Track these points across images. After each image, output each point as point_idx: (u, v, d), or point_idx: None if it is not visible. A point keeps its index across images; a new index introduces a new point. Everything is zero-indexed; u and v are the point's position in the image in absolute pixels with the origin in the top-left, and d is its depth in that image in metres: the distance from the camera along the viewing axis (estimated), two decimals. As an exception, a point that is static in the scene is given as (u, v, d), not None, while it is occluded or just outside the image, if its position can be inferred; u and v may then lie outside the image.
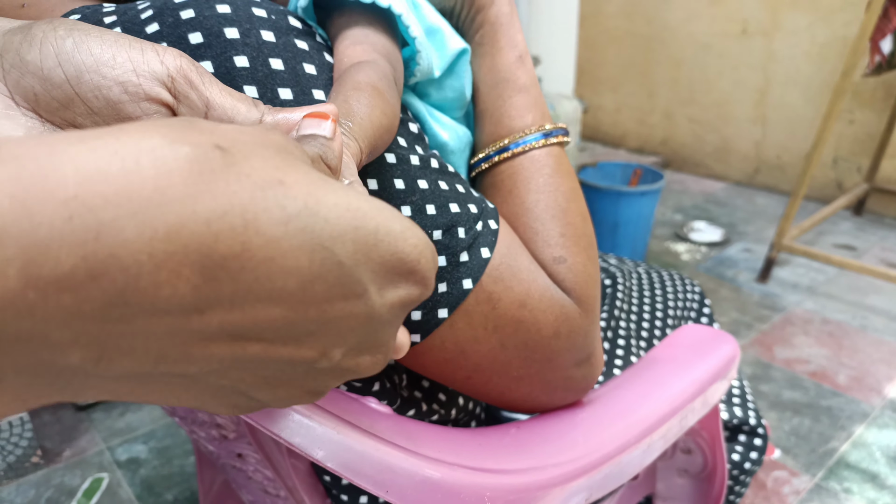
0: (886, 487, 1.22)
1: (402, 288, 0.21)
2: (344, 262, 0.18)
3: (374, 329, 0.20)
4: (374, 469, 0.38)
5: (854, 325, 1.77)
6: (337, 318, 0.18)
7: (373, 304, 0.19)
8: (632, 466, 0.49)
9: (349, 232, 0.18)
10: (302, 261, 0.17)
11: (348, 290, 0.18)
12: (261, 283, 0.16)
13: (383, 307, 0.20)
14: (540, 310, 0.40)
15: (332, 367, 0.20)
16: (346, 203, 0.18)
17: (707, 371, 0.57)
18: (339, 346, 0.19)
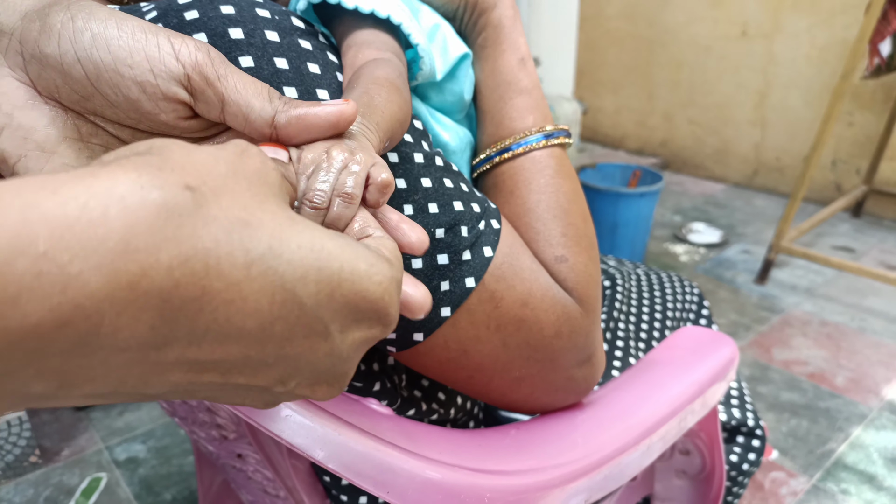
0: (884, 489, 1.22)
1: (364, 326, 0.21)
2: (305, 303, 0.18)
3: (332, 364, 0.20)
4: (375, 470, 0.38)
5: (852, 327, 1.77)
6: (297, 355, 0.19)
7: (333, 342, 0.20)
8: (631, 468, 0.49)
9: (312, 273, 0.18)
10: (262, 303, 0.17)
11: (309, 329, 0.19)
12: (219, 324, 0.17)
13: (343, 345, 0.20)
14: (542, 309, 0.41)
15: (285, 392, 0.20)
16: (311, 244, 0.19)
17: (706, 373, 0.57)
18: (294, 378, 0.20)
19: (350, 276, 0.19)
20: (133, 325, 0.15)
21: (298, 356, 0.19)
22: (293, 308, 0.18)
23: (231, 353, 0.17)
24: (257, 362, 0.18)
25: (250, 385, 0.19)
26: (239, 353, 0.18)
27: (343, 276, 0.19)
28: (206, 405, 0.48)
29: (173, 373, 0.17)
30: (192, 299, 0.16)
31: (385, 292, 0.21)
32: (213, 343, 0.17)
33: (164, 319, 0.16)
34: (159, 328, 0.16)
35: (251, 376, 0.19)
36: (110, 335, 0.15)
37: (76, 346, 0.15)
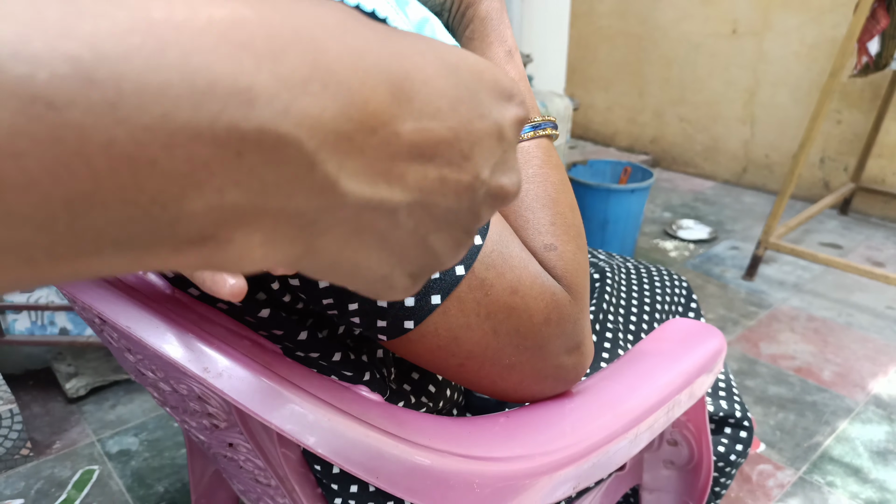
0: (869, 481, 1.24)
1: (511, 108, 0.23)
2: (469, 86, 0.21)
3: (503, 148, 0.23)
4: (365, 455, 0.39)
5: (839, 322, 1.79)
6: (479, 137, 0.21)
7: (498, 121, 0.22)
8: (619, 456, 0.49)
9: (462, 62, 0.21)
10: (446, 84, 0.20)
11: (479, 110, 0.21)
12: (426, 104, 0.19)
13: (505, 123, 0.23)
14: (531, 296, 0.41)
15: (486, 191, 0.23)
16: (450, 46, 0.22)
17: (694, 364, 0.57)
18: (486, 166, 0.22)
19: (486, 66, 0.23)
20: (374, 95, 0.17)
21: (482, 140, 0.21)
22: (463, 89, 0.20)
23: (441, 138, 0.19)
24: (458, 152, 0.20)
25: (459, 184, 0.21)
26: (445, 137, 0.20)
27: (481, 67, 0.22)
28: (196, 394, 0.48)
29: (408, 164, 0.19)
30: (404, 78, 0.18)
31: (511, 82, 0.24)
32: (428, 121, 0.19)
33: (392, 95, 0.18)
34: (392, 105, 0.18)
35: (458, 170, 0.21)
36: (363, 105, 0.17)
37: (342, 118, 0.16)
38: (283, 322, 0.42)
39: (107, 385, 1.47)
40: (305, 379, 0.40)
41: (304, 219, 0.17)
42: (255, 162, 0.15)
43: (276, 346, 0.42)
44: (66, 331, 1.39)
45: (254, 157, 0.15)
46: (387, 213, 0.19)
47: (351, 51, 0.17)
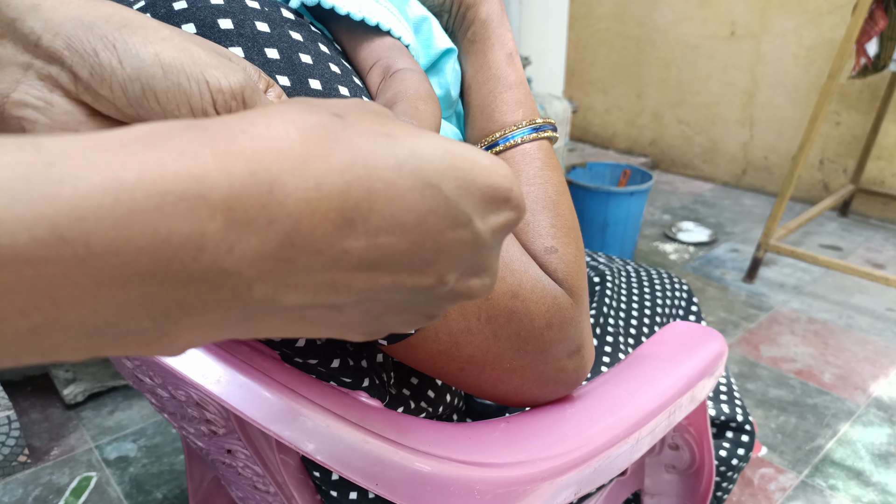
0: (871, 484, 1.23)
1: (501, 214, 0.23)
2: (449, 196, 0.21)
3: (480, 253, 0.23)
4: (365, 462, 0.38)
5: (839, 325, 1.79)
6: (449, 246, 0.21)
7: (478, 230, 0.22)
8: (620, 461, 0.49)
9: (450, 171, 0.21)
10: (415, 198, 0.20)
11: (455, 220, 0.21)
12: (386, 221, 0.19)
13: (487, 232, 0.23)
14: (532, 300, 0.41)
15: (447, 291, 0.23)
16: (443, 146, 0.21)
17: (695, 367, 0.57)
18: (452, 272, 0.22)
19: (481, 170, 0.22)
20: (324, 223, 0.18)
21: (451, 249, 0.21)
22: (439, 201, 0.21)
23: (399, 248, 0.20)
24: (420, 260, 0.21)
25: (417, 287, 0.21)
26: (405, 249, 0.20)
27: (475, 171, 0.22)
28: (194, 400, 0.48)
29: (356, 275, 0.20)
30: (363, 199, 0.19)
31: (511, 182, 0.23)
32: (385, 238, 0.19)
33: (345, 219, 0.19)
34: (343, 228, 0.19)
35: (418, 276, 0.21)
36: (307, 234, 0.18)
37: (284, 246, 0.18)
38: None
39: (105, 391, 1.46)
40: (304, 385, 0.40)
41: (242, 318, 0.19)
42: (199, 290, 0.17)
43: (274, 352, 0.42)
44: (65, 336, 1.39)
45: (199, 287, 0.17)
46: (330, 308, 0.20)
47: (307, 182, 0.18)
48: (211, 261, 0.17)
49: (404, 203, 0.20)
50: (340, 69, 0.37)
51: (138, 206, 0.15)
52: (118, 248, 0.15)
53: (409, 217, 0.20)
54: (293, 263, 0.18)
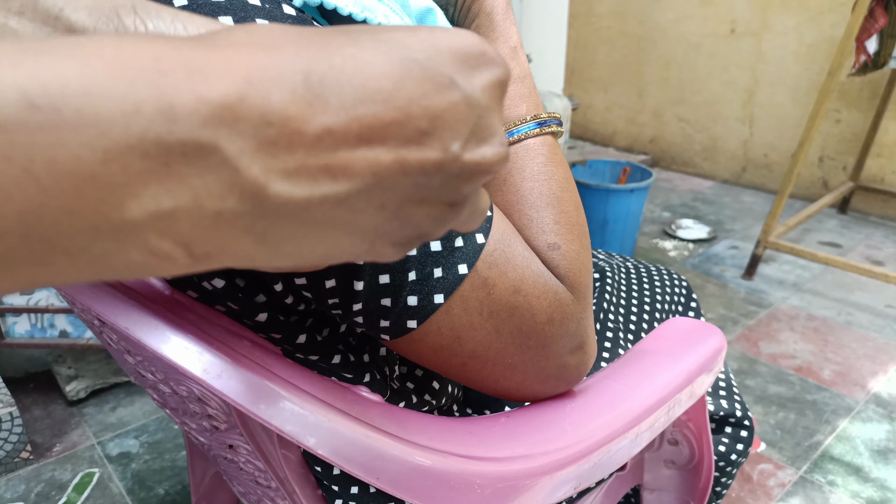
0: (870, 480, 1.24)
1: (484, 71, 0.23)
2: (418, 60, 0.21)
3: (478, 114, 0.22)
4: (366, 456, 0.39)
5: (839, 321, 1.79)
6: (441, 110, 0.21)
7: (464, 89, 0.21)
8: (620, 456, 0.49)
9: (415, 42, 0.21)
10: (384, 66, 0.20)
11: (436, 82, 0.21)
12: (359, 90, 0.19)
13: (476, 90, 0.22)
14: (534, 296, 0.41)
15: (459, 166, 0.22)
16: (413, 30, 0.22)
17: (694, 363, 0.57)
18: (455, 139, 0.21)
19: (444, 35, 0.22)
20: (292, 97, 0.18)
21: (444, 113, 0.21)
22: (410, 66, 0.20)
23: (384, 115, 0.20)
24: (414, 128, 0.20)
25: (423, 164, 0.21)
26: (391, 118, 0.20)
27: (437, 36, 0.22)
28: (196, 395, 0.48)
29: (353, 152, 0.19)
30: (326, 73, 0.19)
31: (481, 40, 0.23)
32: (365, 110, 0.19)
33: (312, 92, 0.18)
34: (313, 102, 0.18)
35: (418, 148, 0.20)
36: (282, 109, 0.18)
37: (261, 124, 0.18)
38: (281, 326, 0.42)
39: (107, 387, 1.47)
40: (305, 380, 0.40)
41: (243, 220, 0.18)
42: (182, 171, 0.17)
43: (275, 347, 0.42)
44: (66, 333, 1.39)
45: (181, 167, 0.17)
46: (338, 203, 0.20)
47: (267, 62, 0.18)
48: (186, 132, 0.16)
49: (373, 71, 0.20)
50: None
51: (100, 76, 0.16)
52: (90, 117, 0.15)
53: (383, 84, 0.20)
54: (275, 145, 0.18)
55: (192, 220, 0.18)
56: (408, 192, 0.21)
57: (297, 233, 0.20)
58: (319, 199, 0.19)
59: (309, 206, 0.19)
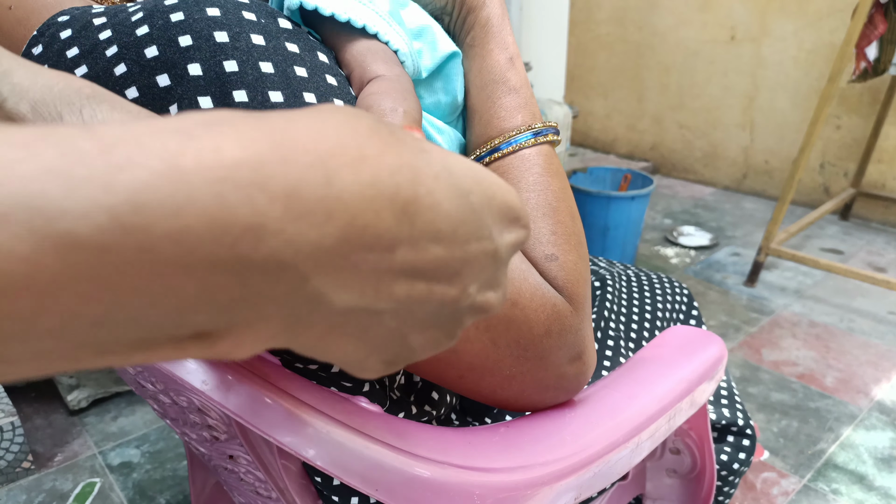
0: (874, 489, 1.23)
1: (513, 231, 0.25)
2: (475, 208, 0.22)
3: (496, 267, 0.24)
4: (364, 467, 0.39)
5: (841, 328, 1.79)
6: (474, 257, 0.22)
7: (496, 244, 0.23)
8: (620, 466, 0.49)
9: (475, 185, 0.22)
10: (451, 208, 0.21)
11: (480, 232, 0.22)
12: (428, 226, 0.20)
13: (502, 247, 0.24)
14: (531, 308, 0.41)
15: (469, 304, 0.24)
16: (468, 164, 0.23)
17: (694, 371, 0.57)
18: (474, 284, 0.23)
19: (499, 189, 0.24)
20: (377, 221, 0.18)
21: (476, 260, 0.22)
22: (468, 213, 0.22)
23: (436, 256, 0.21)
24: (451, 270, 0.22)
25: (444, 298, 0.22)
26: (440, 257, 0.21)
27: (494, 189, 0.23)
28: (196, 406, 0.48)
29: (398, 282, 0.20)
30: (410, 201, 0.19)
31: (522, 206, 0.25)
32: (425, 245, 0.20)
33: (395, 219, 0.19)
34: (393, 228, 0.19)
35: (446, 285, 0.22)
36: (361, 230, 0.18)
37: (341, 241, 0.18)
38: None
39: (108, 397, 1.46)
40: (305, 391, 0.40)
41: (290, 320, 0.19)
42: (256, 283, 0.17)
43: (275, 358, 0.42)
44: (67, 343, 1.39)
45: (256, 279, 0.17)
46: (370, 315, 0.21)
47: (362, 178, 0.18)
48: (269, 251, 0.16)
49: (441, 211, 0.20)
50: (337, 80, 0.37)
51: (197, 193, 0.15)
52: (178, 235, 0.15)
53: (445, 226, 0.20)
54: (346, 260, 0.18)
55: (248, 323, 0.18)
56: (420, 318, 0.23)
57: (323, 332, 0.20)
58: (359, 309, 0.20)
59: (346, 313, 0.20)
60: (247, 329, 0.18)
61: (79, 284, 0.14)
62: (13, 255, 0.13)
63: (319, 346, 0.21)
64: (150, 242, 0.15)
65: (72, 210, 0.14)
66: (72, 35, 0.36)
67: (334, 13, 0.39)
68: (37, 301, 0.14)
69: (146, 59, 0.33)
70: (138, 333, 0.16)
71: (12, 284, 0.13)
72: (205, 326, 0.17)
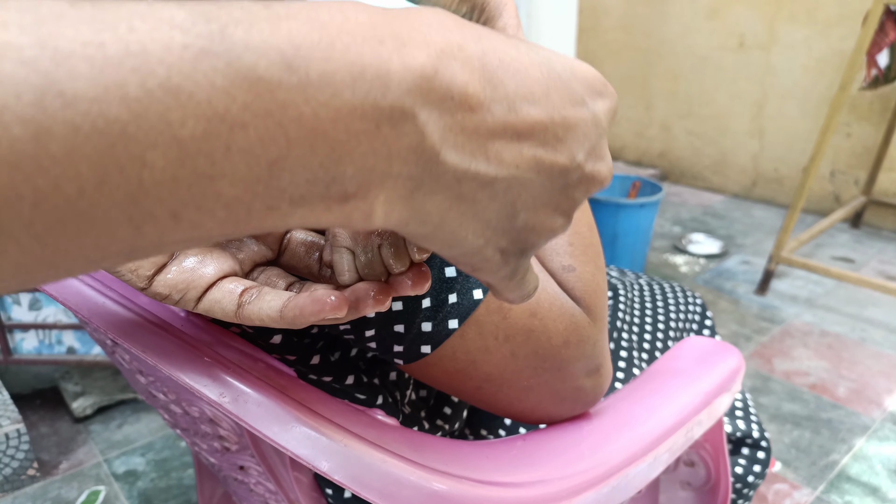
0: (888, 501, 1.21)
1: (605, 99, 0.26)
2: (562, 75, 0.23)
3: (598, 135, 0.25)
4: (381, 481, 0.38)
5: (853, 338, 1.77)
6: (574, 122, 0.23)
7: (592, 109, 0.24)
8: (638, 479, 0.48)
9: (556, 59, 0.24)
10: (538, 73, 0.22)
11: (573, 98, 0.23)
12: (520, 88, 0.22)
13: (599, 112, 0.25)
14: (550, 319, 0.40)
15: (579, 175, 0.25)
16: (544, 48, 0.24)
17: (712, 383, 0.56)
18: (580, 150, 0.24)
19: (578, 63, 0.25)
20: (471, 79, 0.20)
21: (576, 125, 0.23)
22: (556, 78, 0.23)
23: (536, 117, 0.22)
24: (553, 134, 0.23)
25: (553, 166, 0.23)
26: (540, 120, 0.22)
27: (574, 63, 0.25)
28: (208, 416, 0.48)
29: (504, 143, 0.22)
30: (497, 66, 0.21)
31: (601, 78, 0.26)
32: (521, 107, 0.22)
33: (486, 81, 0.21)
34: (487, 89, 0.21)
35: (553, 151, 0.23)
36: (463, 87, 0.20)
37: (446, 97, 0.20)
38: (294, 347, 0.41)
39: (114, 404, 1.46)
40: (321, 403, 0.40)
41: (414, 182, 0.21)
42: (387, 133, 0.19)
43: (290, 370, 0.41)
44: (74, 350, 1.39)
45: (387, 129, 0.19)
46: (484, 184, 0.22)
47: (452, 43, 0.20)
48: (396, 98, 0.19)
49: (530, 75, 0.22)
50: None
51: (337, 44, 0.18)
52: (328, 78, 0.17)
53: (536, 88, 0.22)
54: (453, 117, 0.20)
55: (381, 180, 0.20)
56: (533, 193, 0.24)
57: (443, 204, 0.22)
58: (473, 174, 0.21)
59: (464, 178, 0.21)
60: (380, 189, 0.20)
61: (259, 119, 0.17)
62: (215, 87, 0.16)
63: (442, 224, 0.22)
64: (308, 82, 0.17)
65: (253, 47, 0.17)
66: None
67: None
68: (228, 133, 0.16)
69: None
70: (300, 188, 0.18)
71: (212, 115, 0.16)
72: (348, 186, 0.19)
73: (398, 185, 0.20)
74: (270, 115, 0.17)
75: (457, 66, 0.20)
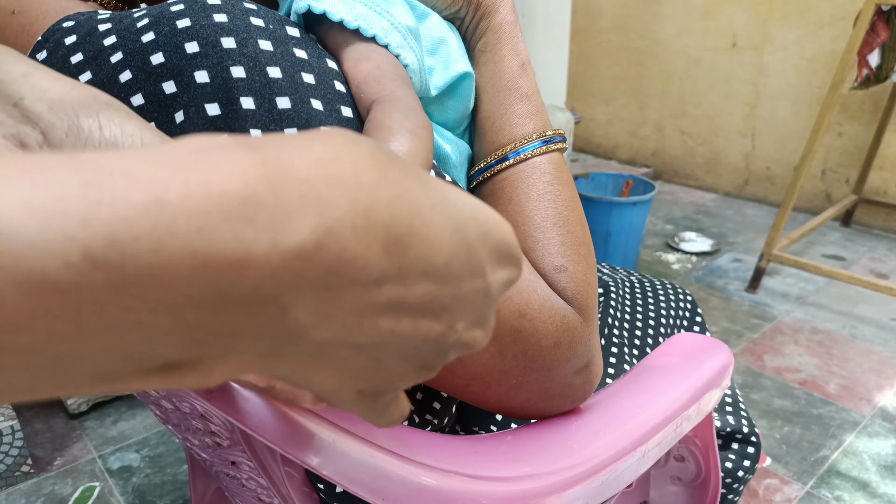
0: (878, 496, 1.22)
1: (506, 269, 0.24)
2: (471, 243, 0.21)
3: (486, 305, 0.23)
4: (370, 476, 0.38)
5: (843, 335, 1.78)
6: (464, 294, 0.21)
7: (489, 281, 0.22)
8: (627, 474, 0.49)
9: (471, 220, 0.21)
10: (446, 241, 0.20)
11: (473, 269, 0.21)
12: (420, 260, 0.19)
13: (494, 285, 0.23)
14: (540, 320, 0.40)
15: (454, 340, 0.23)
16: (464, 197, 0.22)
17: (701, 379, 0.57)
18: (462, 320, 0.22)
19: (494, 224, 0.23)
20: (367, 253, 0.17)
21: (465, 296, 0.21)
22: (463, 247, 0.21)
23: (425, 292, 0.20)
24: (439, 306, 0.21)
25: (429, 333, 0.21)
26: (430, 293, 0.20)
27: (490, 224, 0.22)
28: (199, 412, 0.48)
29: (382, 317, 0.19)
30: (403, 234, 0.18)
31: (516, 244, 0.24)
32: (415, 280, 0.19)
33: (386, 252, 0.18)
34: (382, 261, 0.18)
35: (433, 321, 0.21)
36: (350, 262, 0.17)
37: (327, 273, 0.17)
38: None
39: (108, 401, 1.46)
40: (310, 398, 0.40)
41: (266, 352, 0.18)
42: (234, 316, 0.16)
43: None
44: (68, 347, 1.39)
45: (234, 313, 0.16)
46: (350, 348, 0.20)
47: (357, 209, 0.17)
48: (251, 286, 0.16)
49: (436, 245, 0.19)
50: (346, 87, 0.37)
51: (179, 228, 0.14)
52: (154, 273, 0.14)
53: (438, 260, 0.19)
54: (330, 292, 0.17)
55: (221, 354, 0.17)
56: (402, 351, 0.22)
57: (297, 361, 0.20)
58: (339, 342, 0.19)
59: (326, 346, 0.19)
60: (219, 360, 0.17)
61: (44, 322, 0.14)
62: None
63: (294, 375, 0.21)
64: (122, 281, 0.14)
65: (42, 247, 0.13)
66: (76, 41, 0.35)
67: (344, 20, 0.38)
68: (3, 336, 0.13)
69: (152, 66, 0.33)
70: (104, 368, 0.15)
71: None
72: (174, 358, 0.16)
73: (244, 357, 0.18)
74: (61, 318, 0.14)
75: (350, 238, 0.17)
